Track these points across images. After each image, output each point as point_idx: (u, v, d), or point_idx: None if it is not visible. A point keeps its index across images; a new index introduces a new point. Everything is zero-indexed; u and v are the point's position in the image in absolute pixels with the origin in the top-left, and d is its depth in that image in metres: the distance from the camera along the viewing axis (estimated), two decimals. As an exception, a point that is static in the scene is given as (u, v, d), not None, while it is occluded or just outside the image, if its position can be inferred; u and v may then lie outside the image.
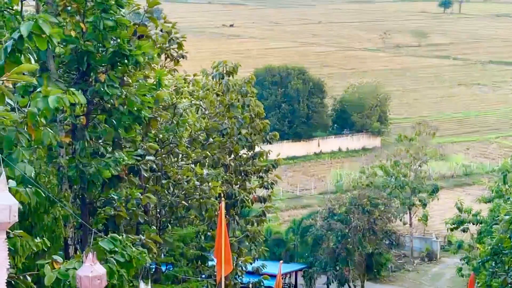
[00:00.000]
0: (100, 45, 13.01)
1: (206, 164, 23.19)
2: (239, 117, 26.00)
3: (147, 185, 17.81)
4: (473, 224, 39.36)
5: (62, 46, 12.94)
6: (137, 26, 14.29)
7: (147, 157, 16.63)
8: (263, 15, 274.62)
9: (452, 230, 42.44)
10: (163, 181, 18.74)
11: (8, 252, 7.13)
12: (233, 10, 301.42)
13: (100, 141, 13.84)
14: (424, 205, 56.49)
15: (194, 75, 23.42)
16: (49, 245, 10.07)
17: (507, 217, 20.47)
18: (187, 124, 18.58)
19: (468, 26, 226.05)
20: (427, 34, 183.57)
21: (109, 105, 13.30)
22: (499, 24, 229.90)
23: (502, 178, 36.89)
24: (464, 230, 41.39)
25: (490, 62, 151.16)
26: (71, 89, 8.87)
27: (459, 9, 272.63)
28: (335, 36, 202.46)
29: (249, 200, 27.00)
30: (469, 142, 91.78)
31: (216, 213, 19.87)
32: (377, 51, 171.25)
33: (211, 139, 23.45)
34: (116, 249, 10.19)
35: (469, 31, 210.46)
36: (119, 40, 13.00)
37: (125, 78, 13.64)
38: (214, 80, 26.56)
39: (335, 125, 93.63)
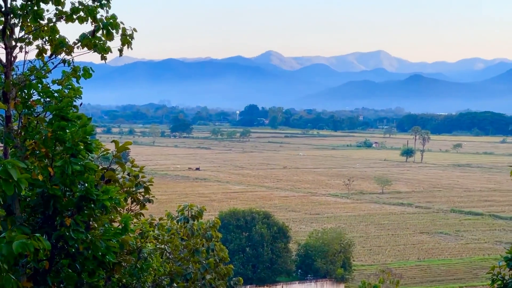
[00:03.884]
0: (67, 189, 12.99)
1: (169, 310, 22.72)
2: (204, 262, 25.74)
3: (108, 332, 17.32)
4: None
5: (28, 189, 12.90)
6: (105, 170, 14.33)
7: (109, 303, 16.26)
8: (229, 159, 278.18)
9: None
10: (124, 328, 18.25)
11: None
12: (199, 154, 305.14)
13: (62, 286, 13.56)
14: None
15: (160, 219, 23.33)
16: None
17: None
18: (151, 269, 18.30)
19: (430, 175, 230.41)
20: (390, 181, 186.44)
21: (74, 250, 13.13)
22: (460, 174, 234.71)
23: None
24: None
25: (452, 211, 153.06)
26: (36, 234, 8.77)
27: (421, 158, 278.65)
28: (300, 181, 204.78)
29: None
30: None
31: None
32: (341, 197, 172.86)
33: (175, 284, 23.08)
34: None
35: (431, 179, 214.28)
36: (86, 185, 12.99)
37: (91, 222, 13.54)
38: (179, 224, 26.45)
39: (299, 270, 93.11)
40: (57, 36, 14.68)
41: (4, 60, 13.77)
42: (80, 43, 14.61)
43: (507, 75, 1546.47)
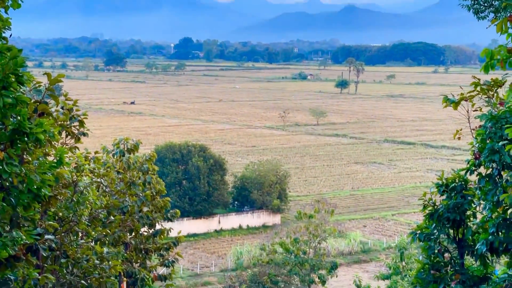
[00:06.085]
0: (-1, 122, 12.81)
1: (106, 242, 22.82)
2: (140, 194, 25.87)
3: (45, 265, 17.36)
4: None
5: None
6: (38, 103, 14.15)
7: (46, 236, 16.26)
8: (164, 93, 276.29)
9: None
10: (62, 260, 18.29)
11: None
12: (134, 88, 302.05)
13: (-3, 220, 13.48)
14: (324, 282, 56.74)
15: (95, 152, 23.20)
16: None
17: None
18: (87, 202, 18.30)
19: (364, 106, 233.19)
20: (325, 113, 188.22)
21: (8, 184, 13.02)
22: (393, 104, 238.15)
23: (399, 255, 37.75)
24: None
25: (385, 141, 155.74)
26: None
27: (355, 89, 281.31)
28: (235, 114, 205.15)
29: (150, 279, 26.61)
30: (366, 220, 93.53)
31: (116, 292, 19.49)
32: (277, 129, 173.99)
33: (111, 217, 23.13)
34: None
35: (365, 111, 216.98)
36: (19, 118, 12.82)
37: (24, 156, 13.42)
38: (115, 157, 26.38)
39: (236, 202, 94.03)
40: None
41: None
42: (8, -28, 14.23)
43: (440, 5, 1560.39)
